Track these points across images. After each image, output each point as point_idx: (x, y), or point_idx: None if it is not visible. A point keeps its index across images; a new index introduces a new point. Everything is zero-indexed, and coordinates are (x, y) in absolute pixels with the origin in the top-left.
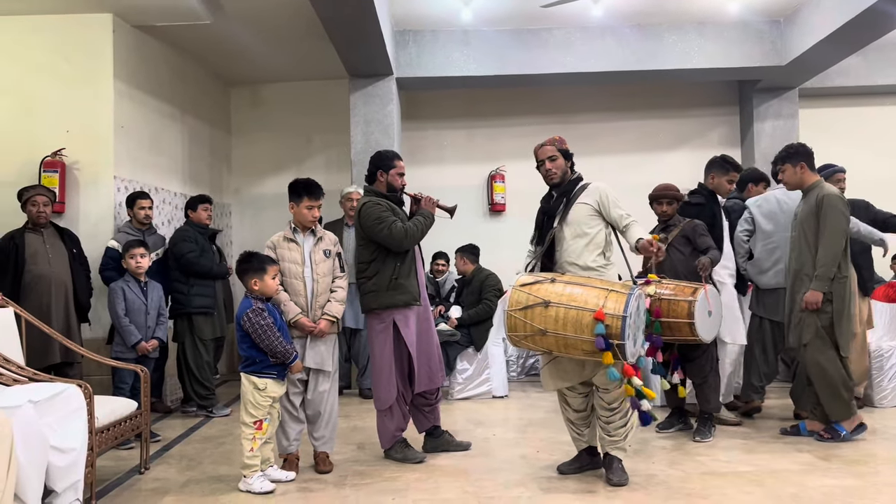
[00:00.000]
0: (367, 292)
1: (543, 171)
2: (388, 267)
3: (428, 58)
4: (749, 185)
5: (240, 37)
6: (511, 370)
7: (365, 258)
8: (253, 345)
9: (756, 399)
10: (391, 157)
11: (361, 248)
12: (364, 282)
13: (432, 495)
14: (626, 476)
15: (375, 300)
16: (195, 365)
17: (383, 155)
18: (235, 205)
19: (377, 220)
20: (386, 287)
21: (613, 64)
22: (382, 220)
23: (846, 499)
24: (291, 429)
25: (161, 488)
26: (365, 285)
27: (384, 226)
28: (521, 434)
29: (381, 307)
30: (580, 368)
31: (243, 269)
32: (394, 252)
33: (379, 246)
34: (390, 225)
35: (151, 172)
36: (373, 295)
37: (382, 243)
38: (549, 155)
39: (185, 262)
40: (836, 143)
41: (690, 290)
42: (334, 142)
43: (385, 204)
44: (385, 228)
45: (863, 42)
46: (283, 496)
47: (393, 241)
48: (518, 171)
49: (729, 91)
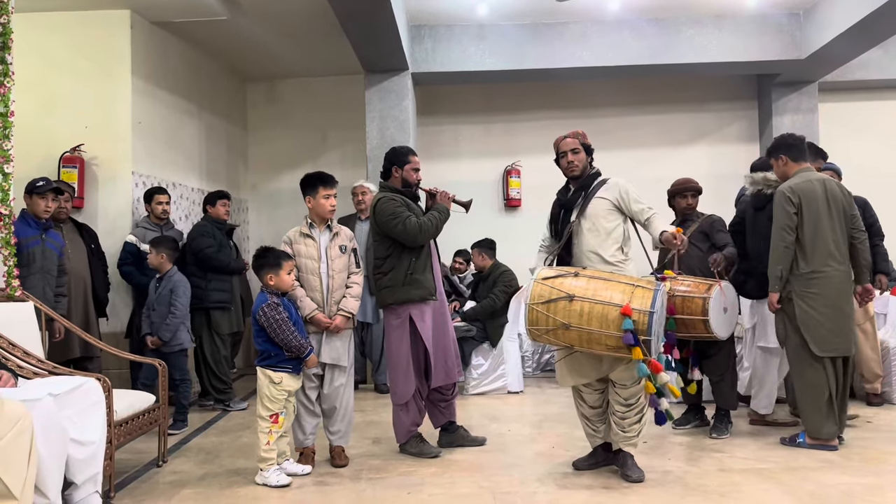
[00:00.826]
0: (384, 287)
1: (565, 162)
2: (404, 262)
3: (443, 53)
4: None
5: (256, 33)
6: (526, 366)
7: (381, 254)
8: (268, 339)
9: None
10: (405, 153)
11: (377, 244)
12: (380, 277)
13: (448, 490)
14: (642, 472)
15: (392, 295)
16: (213, 359)
17: (398, 151)
18: (252, 200)
19: (391, 216)
20: (402, 282)
21: (630, 58)
22: (397, 216)
23: (865, 496)
24: (307, 423)
25: (179, 481)
26: (381, 280)
27: (398, 221)
28: (536, 430)
29: (397, 302)
30: (597, 365)
31: (259, 265)
32: (409, 247)
33: (394, 241)
34: (405, 220)
35: (169, 168)
36: (389, 290)
37: (397, 238)
38: (571, 147)
39: (203, 258)
40: (856, 137)
41: (706, 286)
42: (350, 138)
43: (400, 199)
44: (399, 224)
45: (884, 35)
46: (299, 490)
47: (407, 236)
48: (533, 167)
49: (747, 85)
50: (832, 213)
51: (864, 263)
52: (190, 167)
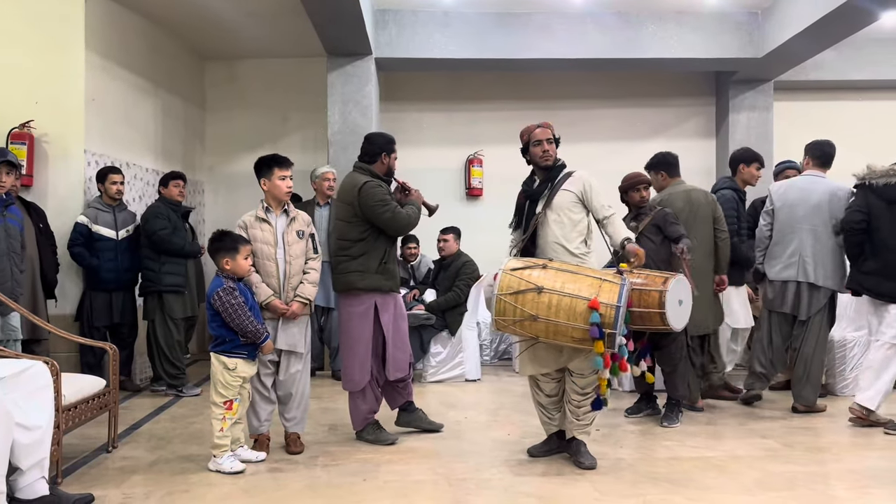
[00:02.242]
0: (352, 272)
1: (540, 150)
2: (379, 250)
3: (408, 38)
4: (741, 165)
5: (217, 10)
6: (484, 354)
7: (352, 237)
8: (223, 324)
9: (758, 387)
10: (392, 141)
11: (348, 226)
12: (346, 260)
13: (403, 477)
14: (595, 459)
15: (362, 280)
16: (165, 344)
17: (388, 138)
18: (209, 182)
19: (381, 203)
20: (374, 270)
21: (593, 51)
22: (386, 203)
23: (808, 484)
24: (262, 409)
25: (129, 467)
26: (348, 264)
27: (387, 209)
28: (492, 417)
29: (367, 288)
30: (557, 355)
31: (215, 248)
32: (385, 236)
33: (371, 227)
34: (394, 209)
35: (123, 147)
36: (359, 275)
37: (381, 225)
38: (546, 136)
39: (157, 240)
40: (809, 135)
41: (662, 279)
42: (311, 121)
43: (385, 187)
44: (388, 212)
45: (838, 36)
46: (253, 476)
47: (394, 224)
48: (496, 156)
49: (706, 82)
50: (697, 218)
51: (722, 258)
52: (145, 147)
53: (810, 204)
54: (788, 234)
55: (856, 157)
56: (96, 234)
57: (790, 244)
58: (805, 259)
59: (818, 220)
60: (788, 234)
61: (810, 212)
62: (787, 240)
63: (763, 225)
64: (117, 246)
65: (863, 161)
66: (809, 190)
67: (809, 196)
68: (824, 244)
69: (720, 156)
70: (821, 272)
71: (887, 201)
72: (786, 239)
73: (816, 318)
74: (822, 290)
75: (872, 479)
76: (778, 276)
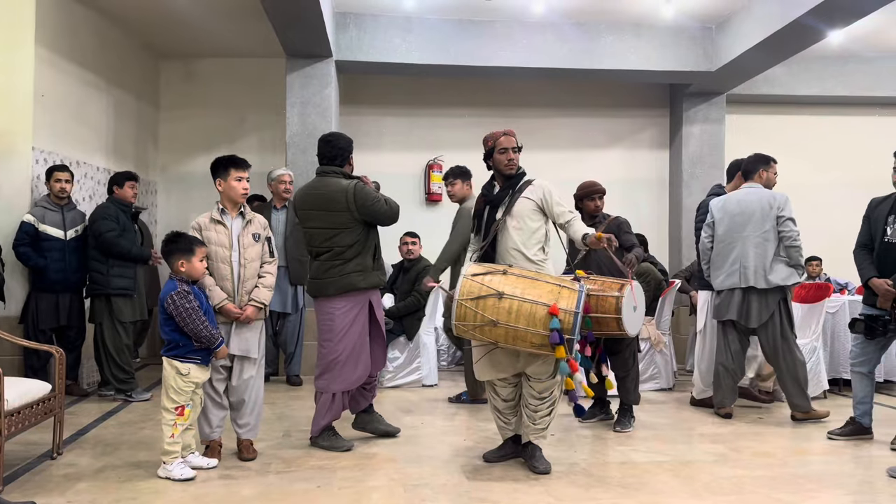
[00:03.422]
0: (351, 272)
1: (505, 158)
2: (370, 248)
3: (369, 42)
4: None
5: (174, 7)
6: (442, 359)
7: (347, 241)
8: (176, 328)
9: (729, 402)
10: (352, 141)
11: (346, 232)
12: (341, 264)
13: (358, 483)
14: (549, 464)
15: (364, 280)
16: (114, 347)
17: (348, 138)
18: (162, 182)
19: (375, 199)
20: (371, 267)
21: (552, 60)
22: (378, 198)
23: (755, 488)
24: (214, 415)
25: (74, 474)
26: (344, 266)
27: (381, 202)
28: (449, 422)
29: (368, 286)
30: (514, 360)
31: (170, 250)
32: (374, 231)
33: (364, 227)
34: (385, 200)
35: (73, 145)
36: (359, 275)
37: (380, 217)
38: (513, 145)
39: (104, 242)
40: (759, 147)
41: (618, 285)
42: (269, 122)
43: None
44: (383, 204)
45: (788, 52)
46: (203, 483)
47: (391, 214)
48: (456, 162)
49: (661, 93)
50: None
51: None
52: (96, 145)
53: (747, 213)
54: (729, 244)
55: (801, 168)
56: (43, 234)
57: (731, 253)
58: (745, 266)
59: (756, 228)
60: (729, 244)
61: (748, 221)
62: (728, 249)
63: (704, 237)
64: (65, 246)
65: (807, 172)
66: (746, 201)
67: (746, 206)
68: (763, 250)
69: (674, 166)
70: (761, 276)
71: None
72: (727, 249)
73: (771, 326)
74: (770, 294)
75: (816, 482)
76: (722, 285)
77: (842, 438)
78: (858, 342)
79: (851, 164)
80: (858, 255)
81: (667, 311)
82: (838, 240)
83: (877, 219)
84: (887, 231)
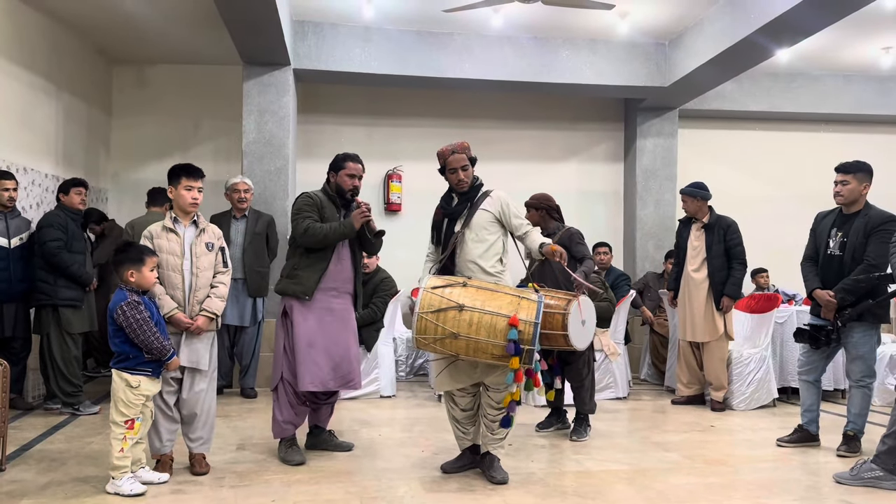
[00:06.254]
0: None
1: (455, 179)
2: (294, 256)
3: (328, 51)
4: None
5: (127, 12)
6: (399, 370)
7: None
8: (126, 340)
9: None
10: (342, 159)
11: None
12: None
13: (314, 497)
14: (507, 474)
15: (277, 285)
16: (62, 360)
17: (337, 156)
18: (113, 190)
19: (296, 212)
20: (286, 275)
21: (510, 73)
22: (300, 213)
23: (708, 496)
24: (165, 429)
25: (17, 491)
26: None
27: (299, 218)
28: (407, 434)
29: (278, 292)
30: (472, 371)
31: (119, 260)
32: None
33: None
34: (303, 219)
35: (20, 151)
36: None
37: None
38: (461, 164)
39: (45, 252)
40: (710, 162)
41: (565, 301)
42: (225, 130)
43: (317, 200)
44: (294, 221)
45: (738, 69)
46: (154, 499)
47: (295, 233)
48: (415, 172)
49: (616, 108)
50: None
51: None
52: (45, 151)
53: None
54: None
55: (750, 182)
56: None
57: None
58: None
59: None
60: None
61: None
62: None
63: None
64: (9, 255)
65: (757, 185)
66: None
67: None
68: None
69: (628, 179)
70: None
71: None
72: None
73: None
74: None
75: (765, 489)
76: None
77: (790, 445)
78: (805, 351)
79: (799, 179)
80: (804, 268)
81: (621, 321)
82: (786, 252)
83: (821, 232)
84: (830, 244)
